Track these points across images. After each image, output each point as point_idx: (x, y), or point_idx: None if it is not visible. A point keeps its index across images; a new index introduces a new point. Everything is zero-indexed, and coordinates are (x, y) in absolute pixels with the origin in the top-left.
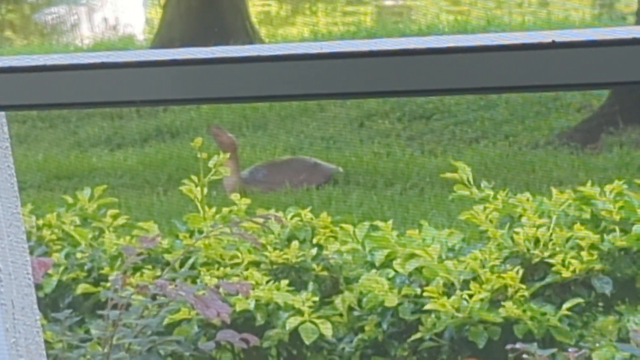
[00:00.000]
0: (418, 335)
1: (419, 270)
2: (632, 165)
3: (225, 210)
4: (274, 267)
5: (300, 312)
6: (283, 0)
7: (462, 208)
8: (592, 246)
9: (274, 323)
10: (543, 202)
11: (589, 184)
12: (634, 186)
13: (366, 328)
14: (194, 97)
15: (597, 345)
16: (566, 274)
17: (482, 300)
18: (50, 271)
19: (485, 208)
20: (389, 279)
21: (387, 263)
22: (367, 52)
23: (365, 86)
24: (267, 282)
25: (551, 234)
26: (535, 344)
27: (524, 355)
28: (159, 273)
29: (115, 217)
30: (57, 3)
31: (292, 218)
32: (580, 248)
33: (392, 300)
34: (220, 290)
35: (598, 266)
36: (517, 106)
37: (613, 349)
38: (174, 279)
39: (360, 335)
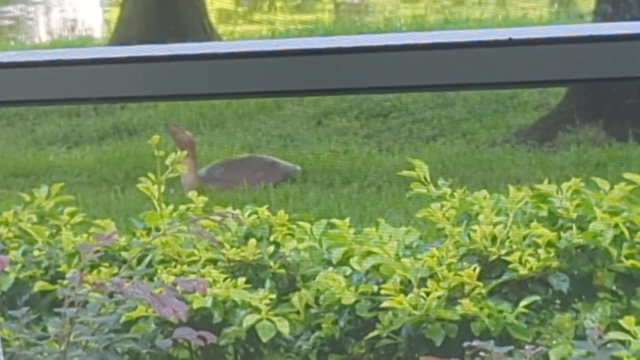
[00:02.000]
0: (375, 333)
1: (376, 267)
2: (589, 163)
3: (182, 208)
4: (231, 264)
5: (257, 310)
6: None
7: (419, 206)
8: (549, 244)
9: (231, 320)
10: (500, 200)
11: (546, 181)
12: (591, 184)
13: (323, 326)
14: (151, 95)
15: (554, 342)
16: (523, 271)
17: (439, 298)
18: (7, 269)
19: (442, 206)
20: (346, 277)
21: (344, 261)
22: (324, 49)
23: (322, 83)
24: (224, 279)
25: (508, 232)
26: (492, 341)
27: (481, 353)
28: (116, 270)
29: (72, 214)
30: (14, 2)
31: (249, 216)
32: (537, 246)
33: (349, 298)
34: (178, 287)
35: (555, 264)
36: (475, 104)
37: (570, 347)
38: (131, 277)
39: (317, 333)
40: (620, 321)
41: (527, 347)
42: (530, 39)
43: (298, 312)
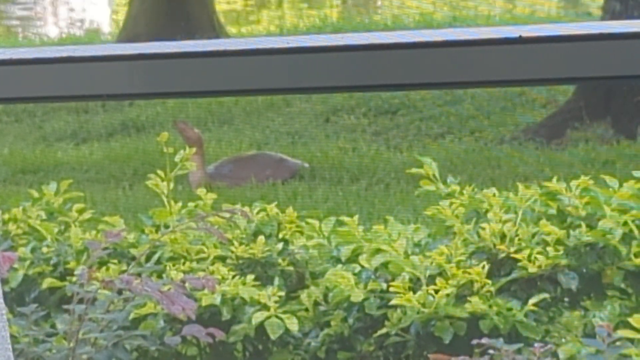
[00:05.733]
0: (384, 331)
1: (385, 265)
2: (598, 161)
3: (191, 205)
4: (240, 262)
5: (266, 307)
6: None
7: (427, 203)
8: (558, 241)
9: (239, 318)
10: (509, 197)
11: (554, 179)
12: (600, 182)
13: (332, 323)
14: (160, 92)
15: (563, 340)
16: (532, 269)
17: (448, 295)
18: (16, 265)
19: (451, 203)
20: (355, 274)
21: (353, 258)
22: (333, 46)
23: (331, 81)
24: (233, 277)
25: (517, 230)
26: (501, 339)
27: (490, 351)
28: (124, 267)
29: (81, 211)
30: None
31: (258, 213)
32: (546, 243)
33: (358, 296)
34: (186, 285)
35: (564, 262)
36: (483, 102)
37: (579, 344)
38: (139, 274)
39: (326, 330)
40: (630, 319)
41: (536, 344)
42: (541, 37)
43: (307, 310)
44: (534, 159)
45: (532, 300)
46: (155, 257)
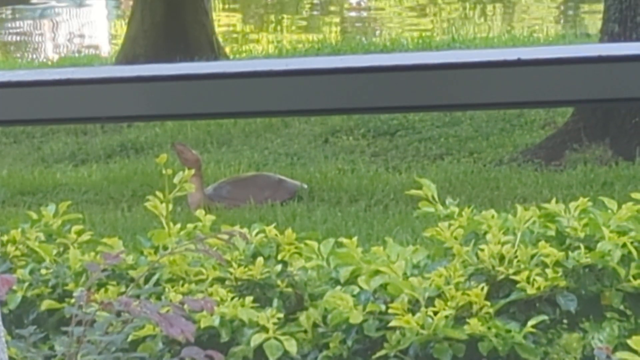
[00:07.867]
0: (383, 352)
1: (383, 286)
2: (596, 182)
3: (190, 226)
4: (239, 283)
5: (264, 329)
6: (248, 16)
7: (426, 225)
8: (557, 263)
9: (238, 340)
10: (508, 219)
11: (553, 201)
12: (599, 203)
13: (331, 345)
14: (159, 114)
15: None
16: (531, 291)
17: (446, 317)
18: (14, 287)
19: (450, 225)
20: (353, 296)
21: (351, 280)
22: (333, 69)
23: (330, 103)
24: (232, 298)
25: (516, 251)
26: None
27: None
28: (123, 289)
29: (79, 233)
30: (21, 19)
31: (256, 234)
32: (545, 265)
33: (356, 317)
34: (185, 307)
35: (563, 283)
36: (482, 123)
37: None
38: (138, 296)
39: (324, 352)
40: (628, 341)
41: None
42: (539, 59)
43: (305, 331)
44: (532, 181)
45: (531, 322)
46: (154, 278)
